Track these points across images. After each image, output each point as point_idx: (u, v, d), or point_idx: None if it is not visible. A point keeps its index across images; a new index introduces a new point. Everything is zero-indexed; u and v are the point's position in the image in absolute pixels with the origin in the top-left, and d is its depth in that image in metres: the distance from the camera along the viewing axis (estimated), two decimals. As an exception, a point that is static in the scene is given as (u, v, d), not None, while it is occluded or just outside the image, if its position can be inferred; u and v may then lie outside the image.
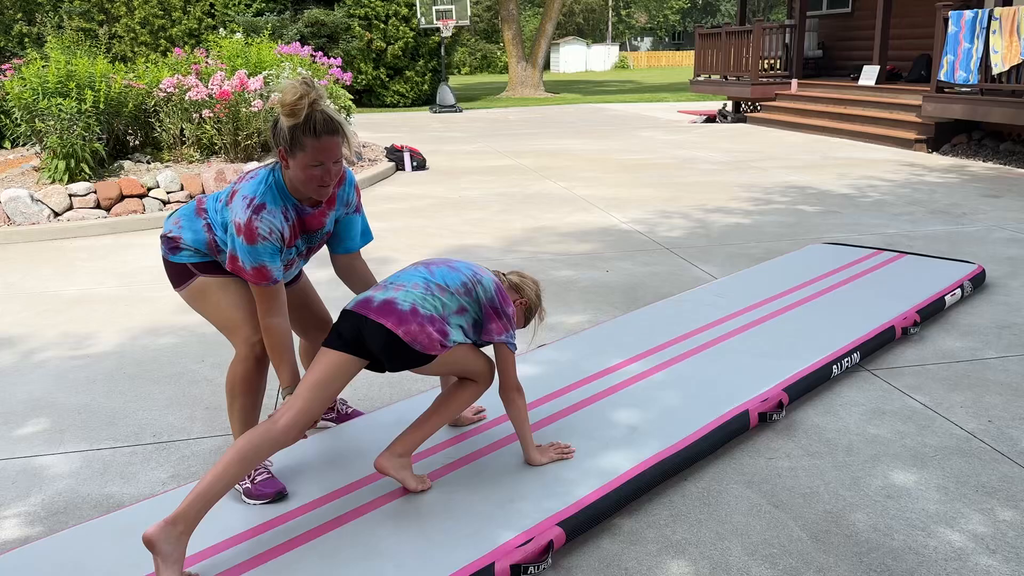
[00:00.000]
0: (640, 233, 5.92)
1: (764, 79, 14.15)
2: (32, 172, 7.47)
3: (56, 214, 6.68)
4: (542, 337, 3.81)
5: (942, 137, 9.84)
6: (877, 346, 3.47)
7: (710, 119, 15.04)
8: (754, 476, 2.59)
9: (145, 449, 2.91)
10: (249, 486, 2.37)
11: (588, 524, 2.28)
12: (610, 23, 58.12)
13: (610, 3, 57.47)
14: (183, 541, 1.99)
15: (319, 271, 4.71)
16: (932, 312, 3.86)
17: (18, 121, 7.48)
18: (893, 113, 10.89)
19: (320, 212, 2.43)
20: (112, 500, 2.57)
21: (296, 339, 2.75)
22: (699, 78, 16.14)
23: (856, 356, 3.33)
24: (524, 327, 2.59)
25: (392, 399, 3.20)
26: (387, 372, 2.36)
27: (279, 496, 2.36)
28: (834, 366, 3.22)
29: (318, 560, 2.09)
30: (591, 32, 58.11)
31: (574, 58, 49.80)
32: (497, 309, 2.37)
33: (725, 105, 15.46)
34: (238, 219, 2.25)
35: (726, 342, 3.48)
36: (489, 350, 2.49)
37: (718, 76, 15.42)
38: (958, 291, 4.06)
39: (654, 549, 2.24)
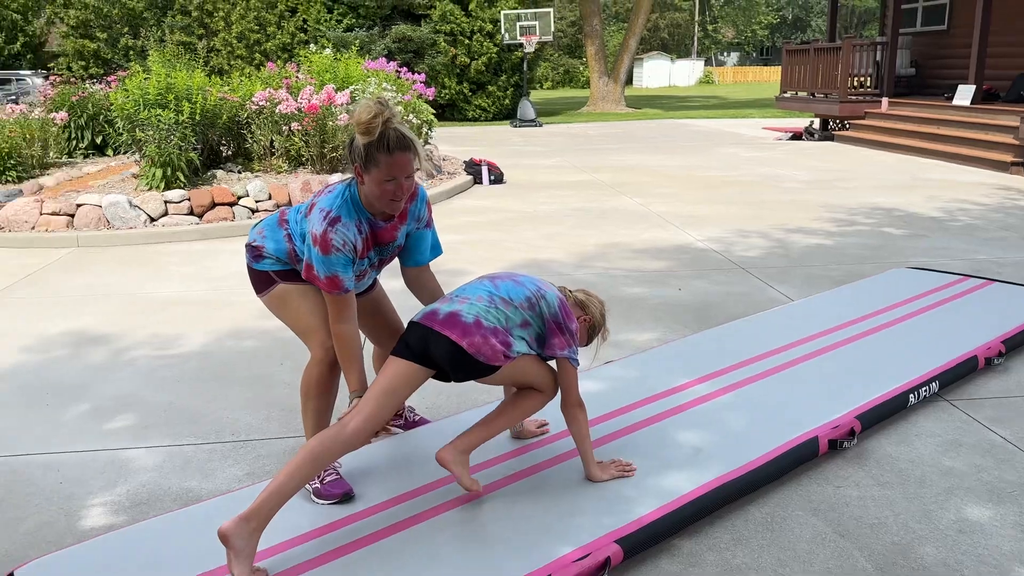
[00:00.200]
0: (716, 252, 5.86)
1: (853, 97, 13.80)
2: (131, 179, 7.87)
3: (152, 219, 7.02)
4: (609, 353, 3.82)
5: (1042, 160, 9.42)
6: (958, 376, 3.36)
7: (796, 136, 14.75)
8: (821, 504, 2.55)
9: (224, 447, 3.04)
10: (319, 486, 2.46)
11: (647, 543, 2.28)
12: (696, 38, 57.53)
13: (696, 18, 56.91)
14: (255, 537, 2.08)
15: (392, 281, 4.82)
16: (1020, 343, 3.71)
17: (120, 130, 7.91)
18: (989, 134, 10.47)
19: (392, 226, 2.51)
20: (191, 494, 2.70)
21: (371, 346, 2.85)
22: (785, 95, 15.86)
23: (935, 385, 3.23)
24: (587, 345, 2.62)
25: (458, 409, 3.26)
26: (452, 382, 2.42)
27: (346, 497, 2.44)
28: (911, 395, 3.14)
29: (380, 562, 2.15)
30: (676, 47, 57.65)
31: (657, 73, 49.47)
32: (560, 324, 2.40)
33: (812, 123, 15.13)
34: (315, 230, 2.35)
35: (799, 366, 3.42)
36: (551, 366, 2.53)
37: (805, 93, 15.12)
38: (1049, 321, 3.89)
39: (713, 572, 2.23)
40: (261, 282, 2.61)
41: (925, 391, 3.19)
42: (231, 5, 20.70)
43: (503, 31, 19.73)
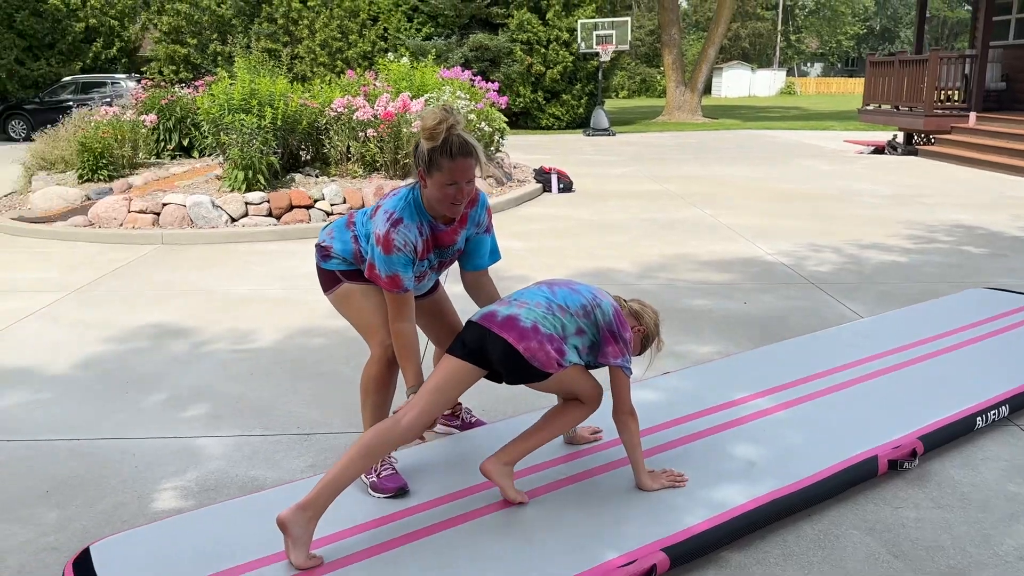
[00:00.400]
0: (785, 266, 5.78)
1: (939, 111, 13.37)
2: (215, 180, 8.20)
3: (232, 219, 7.30)
4: (667, 364, 3.82)
5: None
6: (1031, 401, 3.25)
7: (878, 150, 14.36)
8: (876, 524, 2.51)
9: (289, 439, 3.17)
10: (375, 480, 2.55)
11: (694, 553, 2.29)
12: (778, 48, 56.47)
13: (779, 28, 55.87)
14: (312, 525, 2.18)
15: (455, 286, 4.91)
16: (1101, 369, 3.56)
17: (206, 133, 8.25)
18: (1084, 151, 10.01)
19: (452, 230, 2.59)
20: (256, 483, 2.83)
21: (432, 346, 2.93)
22: (868, 107, 15.47)
23: (1004, 409, 3.14)
24: (640, 354, 2.64)
25: (515, 412, 3.31)
26: (504, 384, 2.48)
27: (401, 492, 2.52)
28: (978, 418, 3.05)
29: (431, 555, 2.22)
30: (757, 57, 56.70)
31: (737, 83, 48.79)
32: (614, 333, 2.43)
33: (895, 136, 14.71)
34: (378, 231, 2.46)
35: (862, 384, 3.36)
36: (604, 374, 2.56)
37: (889, 106, 14.72)
38: None
39: (760, 586, 2.22)
40: (328, 281, 2.72)
41: (994, 415, 3.10)
42: (315, 14, 21.30)
43: (579, 40, 19.78)
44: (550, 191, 9.67)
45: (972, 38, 14.32)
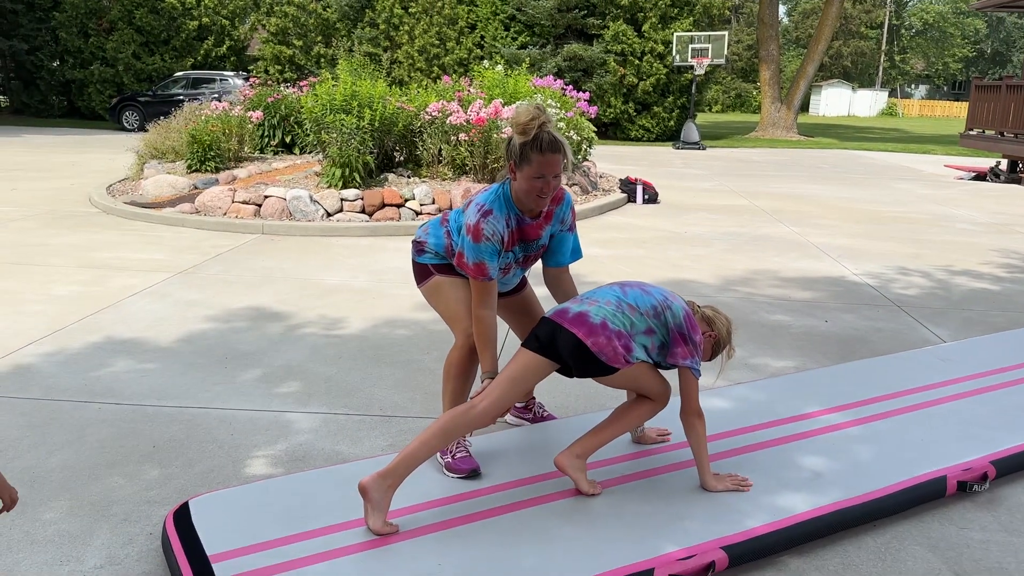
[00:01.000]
0: (871, 287, 5.70)
1: (1048, 138, 12.82)
2: (313, 176, 8.57)
3: (328, 214, 7.63)
4: (742, 375, 3.86)
5: None
6: (1117, 435, 3.17)
7: (979, 177, 13.85)
8: (940, 542, 2.52)
9: (372, 419, 3.36)
10: (450, 460, 2.71)
11: (753, 555, 2.35)
12: (881, 67, 54.79)
13: (883, 47, 54.21)
14: (390, 493, 2.35)
15: (540, 287, 5.05)
16: None
17: (308, 131, 8.63)
18: None
19: (538, 224, 2.74)
20: (340, 456, 3.02)
21: (513, 337, 3.07)
22: (971, 132, 14.94)
23: (1087, 442, 3.07)
24: (710, 360, 2.71)
25: (585, 409, 3.42)
26: (575, 378, 2.59)
27: (473, 473, 2.67)
28: (1057, 448, 3.00)
29: (498, 534, 2.36)
30: (859, 76, 55.17)
31: (836, 101, 47.58)
32: (684, 335, 2.52)
33: (998, 163, 14.16)
34: (469, 221, 2.64)
35: (939, 406, 3.34)
36: (673, 375, 2.64)
37: (993, 132, 14.18)
38: None
39: (817, 591, 2.27)
40: (421, 274, 2.91)
41: (1075, 446, 3.04)
42: (415, 20, 21.87)
43: (674, 53, 19.72)
44: (635, 201, 9.73)
45: (1090, 64, 13.68)
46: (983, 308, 5.22)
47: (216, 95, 17.66)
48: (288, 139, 10.73)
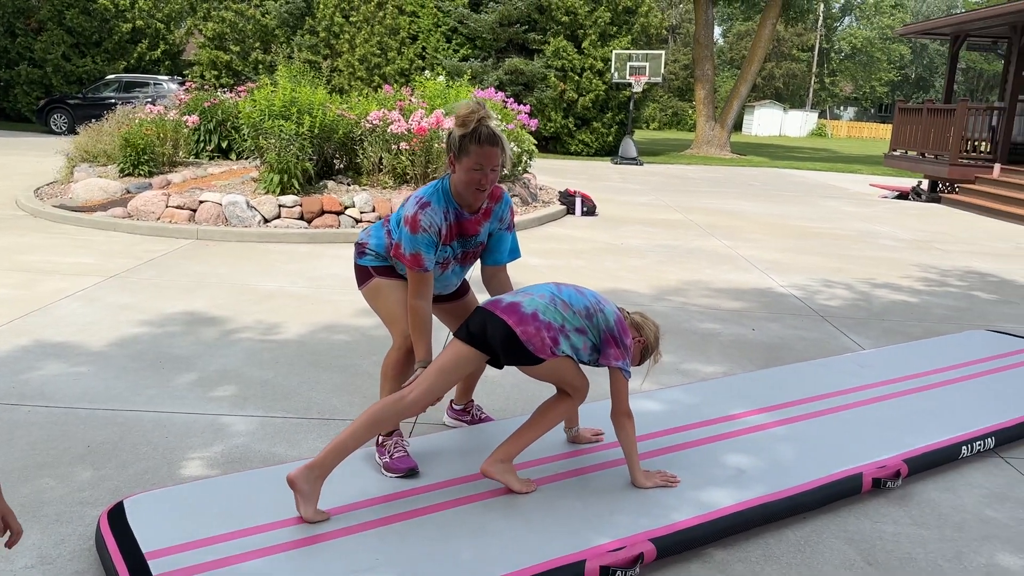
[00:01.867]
0: (796, 298, 5.93)
1: (964, 160, 13.48)
2: (251, 182, 8.49)
3: (265, 220, 7.57)
4: (673, 380, 3.99)
5: None
6: (1017, 435, 3.39)
7: (902, 196, 14.46)
8: (856, 535, 2.66)
9: (310, 422, 3.37)
10: (388, 460, 2.75)
11: (680, 547, 2.46)
12: (811, 89, 56.63)
13: (814, 70, 56.07)
14: (318, 484, 2.40)
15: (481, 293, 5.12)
16: (1091, 412, 3.68)
17: (245, 137, 8.55)
18: (1106, 208, 10.09)
19: (476, 220, 2.84)
20: (277, 458, 3.03)
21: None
22: (895, 152, 15.60)
23: (990, 441, 3.28)
24: (639, 364, 2.82)
25: (523, 411, 3.49)
26: (503, 368, 2.67)
27: (411, 472, 2.72)
28: (964, 447, 3.19)
29: (435, 529, 2.41)
30: (790, 97, 56.87)
31: (768, 121, 48.96)
32: (616, 337, 2.62)
33: (920, 183, 14.81)
34: (407, 212, 2.72)
35: (857, 409, 3.52)
36: (603, 379, 2.73)
37: (915, 153, 14.83)
38: None
39: (740, 581, 2.38)
40: (362, 276, 2.96)
41: (979, 445, 3.24)
42: (356, 29, 21.79)
43: (613, 70, 20.09)
44: (573, 214, 9.88)
45: (1002, 91, 14.44)
46: (901, 319, 5.48)
47: (150, 99, 17.29)
48: (225, 144, 10.60)
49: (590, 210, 9.95)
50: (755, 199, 12.88)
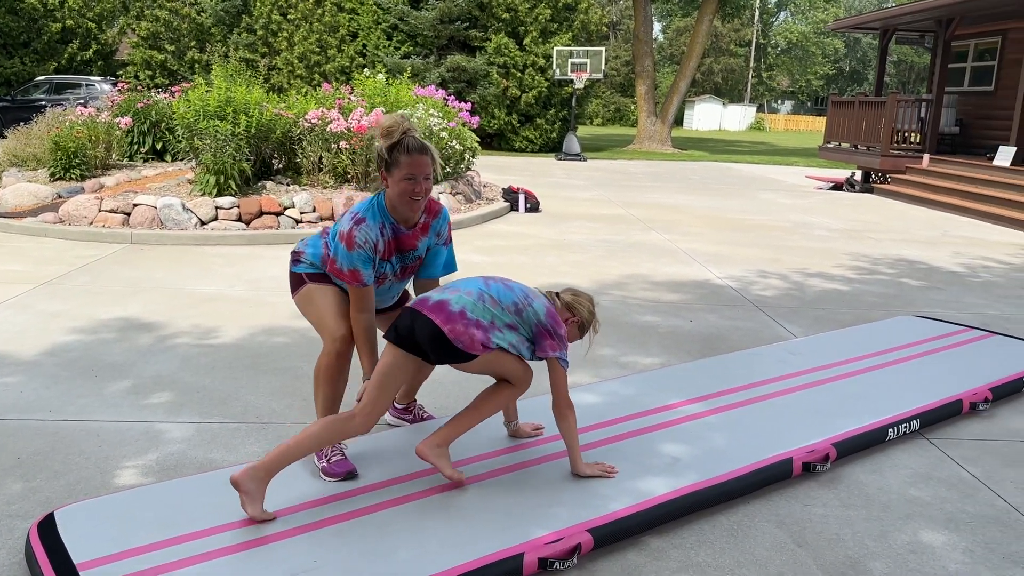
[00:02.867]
0: (733, 289, 6.06)
1: (895, 151, 13.90)
2: (186, 184, 8.33)
3: (202, 223, 7.44)
4: (612, 373, 4.05)
5: (1077, 224, 9.44)
6: (941, 417, 3.53)
7: (837, 187, 14.84)
8: (786, 518, 2.74)
9: (248, 427, 3.34)
10: (326, 465, 2.74)
11: (616, 536, 2.50)
12: (749, 84, 57.70)
13: (751, 65, 57.13)
14: (263, 484, 2.40)
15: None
16: (1008, 392, 3.85)
17: (180, 138, 8.39)
18: (1026, 195, 10.52)
19: (413, 235, 2.83)
20: (214, 464, 2.99)
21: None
22: (829, 145, 15.99)
23: (916, 423, 3.40)
24: (580, 339, 2.86)
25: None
26: (434, 365, 2.69)
27: (349, 476, 2.72)
28: (890, 429, 3.31)
29: (373, 529, 2.41)
30: (729, 92, 57.85)
31: (708, 116, 49.72)
32: (549, 330, 2.66)
33: (853, 174, 15.22)
34: (343, 229, 2.71)
35: (788, 396, 3.62)
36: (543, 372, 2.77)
37: (849, 145, 15.24)
38: (1041, 374, 4.03)
39: (675, 566, 2.44)
40: (295, 283, 2.96)
41: (905, 427, 3.36)
42: (295, 27, 21.50)
43: (555, 67, 20.20)
44: (517, 210, 9.92)
45: (930, 83, 14.92)
46: (833, 306, 5.65)
47: (82, 100, 16.81)
48: (159, 146, 10.37)
49: (533, 206, 10.00)
50: (695, 193, 13.10)
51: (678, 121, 45.17)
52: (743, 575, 2.41)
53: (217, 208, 7.51)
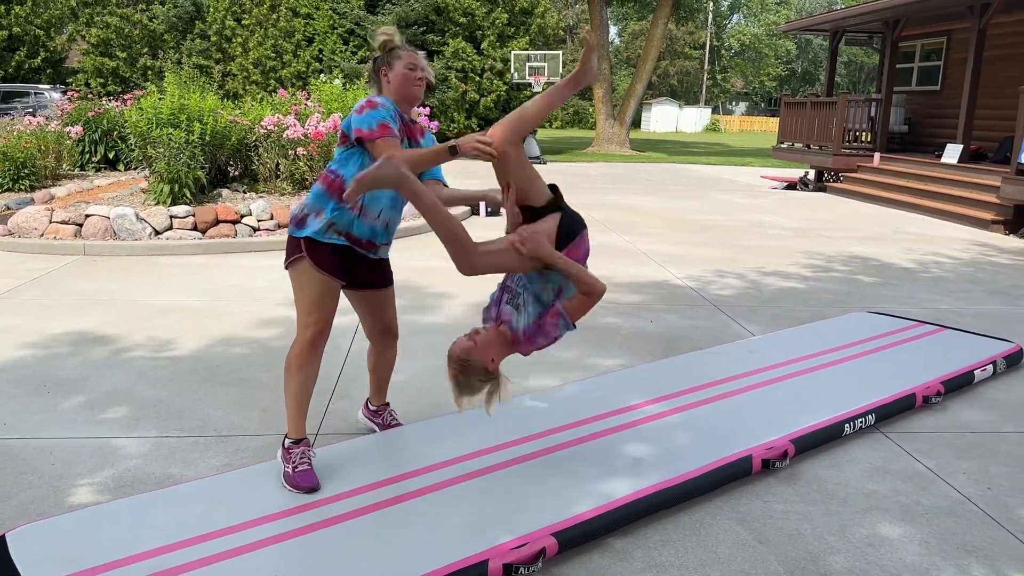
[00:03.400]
0: (692, 289, 6.13)
1: (846, 150, 14.16)
2: (140, 193, 8.18)
3: (157, 232, 7.31)
4: (575, 376, 4.07)
5: (1021, 219, 9.71)
6: (895, 411, 3.60)
7: (791, 186, 15.08)
8: (747, 515, 2.78)
9: (206, 440, 3.28)
10: (290, 471, 2.72)
11: (581, 539, 2.51)
12: (704, 86, 58.43)
13: (706, 67, 57.87)
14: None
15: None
16: (959, 385, 3.95)
17: (133, 146, 8.24)
18: (972, 193, 10.79)
19: (418, 128, 2.90)
20: (172, 480, 2.94)
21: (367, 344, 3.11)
22: (782, 145, 16.24)
23: (871, 418, 3.47)
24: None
25: (427, 415, 3.49)
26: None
27: (311, 491, 2.68)
28: (847, 424, 3.37)
29: (335, 541, 2.39)
30: (685, 94, 58.51)
31: (665, 118, 50.19)
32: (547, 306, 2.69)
33: (807, 173, 15.48)
34: (359, 108, 2.71)
35: (747, 394, 3.67)
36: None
37: (801, 144, 15.50)
38: (990, 367, 4.13)
39: (639, 567, 2.46)
40: (292, 250, 2.83)
41: (861, 422, 3.42)
42: (249, 32, 21.26)
43: (513, 70, 20.26)
44: (478, 214, 9.92)
45: (879, 83, 15.24)
46: (789, 304, 5.74)
47: (30, 109, 16.43)
48: (111, 155, 10.19)
49: (495, 211, 10.00)
50: (653, 194, 13.22)
51: (636, 123, 45.58)
52: (706, 574, 2.43)
53: (172, 217, 7.39)
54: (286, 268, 2.88)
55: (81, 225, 7.29)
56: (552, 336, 2.59)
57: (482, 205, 9.90)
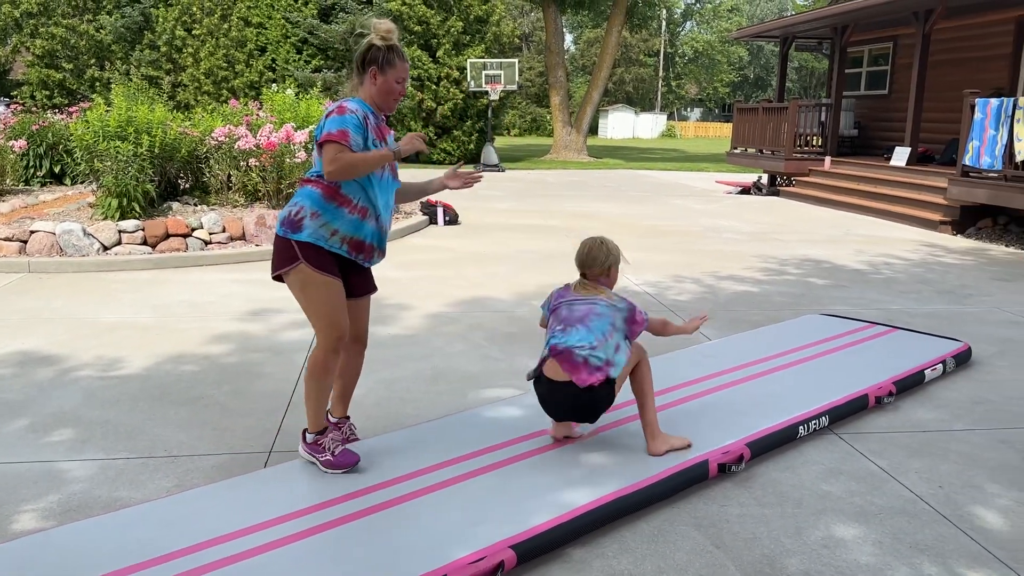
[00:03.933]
0: (649, 294, 6.16)
1: (798, 155, 14.40)
2: (87, 208, 8.00)
3: (105, 248, 7.15)
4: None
5: (967, 220, 9.96)
6: (848, 412, 3.65)
7: (745, 191, 15.30)
8: (703, 520, 2.79)
9: (155, 461, 3.20)
10: (329, 457, 2.91)
11: (539, 550, 2.49)
12: (659, 93, 59.08)
13: (660, 74, 58.52)
14: None
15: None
16: (910, 384, 4.01)
17: (79, 160, 8.06)
18: (921, 194, 11.04)
19: (386, 129, 2.95)
20: (120, 503, 2.86)
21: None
22: (736, 150, 16.47)
23: (825, 420, 3.51)
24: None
25: (384, 429, 3.45)
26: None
27: (356, 464, 2.93)
28: (801, 427, 3.41)
29: (289, 562, 2.34)
30: (641, 100, 59.10)
31: (621, 125, 50.65)
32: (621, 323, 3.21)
33: (760, 178, 15.72)
34: (331, 110, 2.77)
35: (703, 398, 3.69)
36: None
37: (754, 150, 15.73)
38: (940, 366, 4.21)
39: (597, 577, 2.45)
40: (286, 253, 2.80)
41: (815, 424, 3.46)
42: (200, 42, 20.98)
43: (469, 78, 20.25)
44: (436, 223, 9.88)
45: (829, 88, 15.54)
46: (744, 308, 5.80)
47: (-28, 122, 16.00)
48: (57, 169, 9.96)
49: (453, 219, 9.97)
50: (611, 201, 13.30)
51: (593, 130, 45.85)
52: (665, 581, 2.43)
53: (120, 232, 7.23)
54: (277, 278, 2.87)
55: (26, 242, 7.09)
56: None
57: (440, 212, 9.86)
